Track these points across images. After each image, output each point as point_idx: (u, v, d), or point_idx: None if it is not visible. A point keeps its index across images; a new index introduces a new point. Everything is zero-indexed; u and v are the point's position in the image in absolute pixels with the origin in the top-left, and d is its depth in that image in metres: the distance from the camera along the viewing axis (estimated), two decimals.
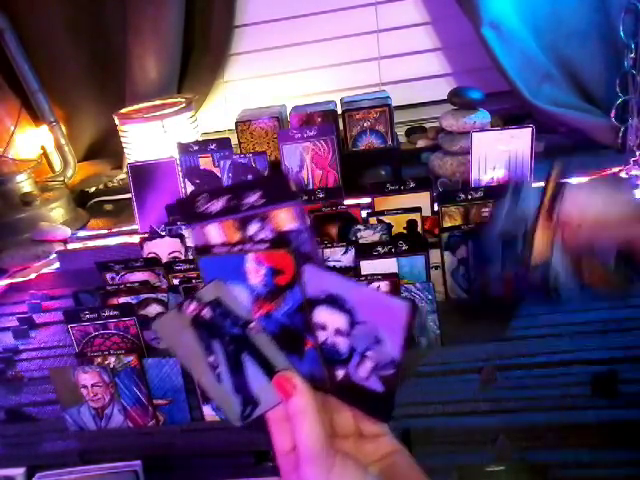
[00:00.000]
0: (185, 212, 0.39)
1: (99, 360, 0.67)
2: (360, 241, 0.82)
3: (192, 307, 0.39)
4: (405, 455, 0.38)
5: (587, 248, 0.53)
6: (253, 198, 0.38)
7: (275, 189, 0.38)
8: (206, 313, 0.39)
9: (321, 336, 0.38)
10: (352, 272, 0.75)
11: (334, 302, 0.38)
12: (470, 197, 0.83)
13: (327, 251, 0.79)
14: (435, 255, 0.79)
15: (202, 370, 0.39)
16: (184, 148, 1.07)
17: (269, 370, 0.39)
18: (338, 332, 0.38)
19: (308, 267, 0.37)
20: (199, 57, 1.37)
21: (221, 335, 0.39)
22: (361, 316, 0.38)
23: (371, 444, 0.38)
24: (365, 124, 1.12)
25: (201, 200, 0.39)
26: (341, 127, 1.14)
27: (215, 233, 0.39)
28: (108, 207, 1.36)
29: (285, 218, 0.38)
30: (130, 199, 1.11)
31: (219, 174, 1.04)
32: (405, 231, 0.83)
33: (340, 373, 0.39)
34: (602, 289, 0.53)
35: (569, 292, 0.54)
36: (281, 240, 0.37)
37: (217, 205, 0.38)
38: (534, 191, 0.56)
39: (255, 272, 0.38)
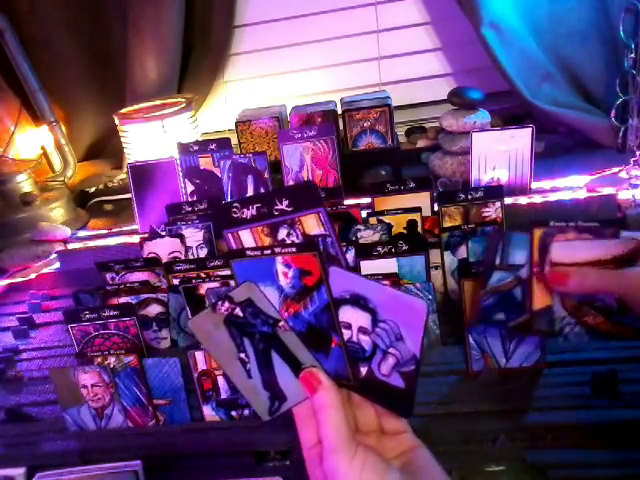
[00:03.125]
0: (221, 219, 0.43)
1: (99, 360, 0.67)
2: (360, 241, 0.82)
3: (225, 307, 0.41)
4: (425, 451, 0.39)
5: (585, 294, 0.53)
6: (282, 205, 0.42)
7: (302, 197, 0.41)
8: (238, 312, 0.41)
9: (346, 334, 0.41)
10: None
11: (358, 302, 0.40)
12: (470, 197, 0.83)
13: None
14: (435, 255, 0.79)
15: (234, 366, 0.42)
16: (184, 148, 1.07)
17: (296, 367, 0.42)
18: (362, 330, 0.41)
19: (333, 268, 0.40)
20: (199, 57, 1.37)
21: (252, 333, 0.42)
22: (383, 315, 0.40)
23: (392, 440, 0.40)
24: (365, 124, 1.12)
25: (235, 208, 0.42)
26: (341, 127, 1.14)
27: (247, 238, 0.43)
28: (108, 207, 1.36)
29: (312, 223, 0.42)
30: (130, 199, 1.11)
31: (219, 174, 1.04)
32: (405, 231, 0.83)
33: (363, 370, 0.41)
34: (607, 333, 0.53)
35: (576, 336, 0.54)
36: (308, 243, 0.41)
37: (249, 212, 0.42)
38: (521, 238, 0.57)
39: (284, 274, 0.41)
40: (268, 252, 0.41)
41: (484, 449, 0.58)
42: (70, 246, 1.15)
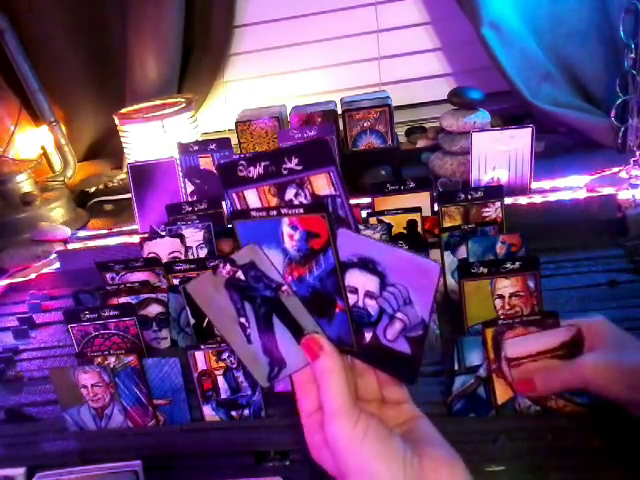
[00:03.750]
0: (226, 177, 0.41)
1: (99, 360, 0.67)
2: None
3: (227, 269, 0.40)
4: (426, 421, 0.39)
5: (554, 393, 0.58)
6: (291, 164, 0.39)
7: (313, 155, 0.38)
8: (240, 275, 0.40)
9: (352, 299, 0.39)
10: None
11: (366, 265, 0.39)
12: (470, 197, 0.83)
13: None
14: (435, 255, 0.79)
15: (233, 331, 0.41)
16: (184, 148, 1.07)
17: (298, 333, 0.40)
18: (369, 295, 0.39)
19: (342, 231, 0.38)
20: (199, 57, 1.37)
21: (253, 297, 0.40)
22: (393, 278, 0.38)
23: (393, 410, 0.39)
24: (365, 124, 1.12)
25: (241, 166, 0.40)
26: (341, 127, 1.14)
27: (253, 198, 0.40)
28: (108, 207, 1.36)
29: (322, 183, 0.39)
30: (130, 199, 1.11)
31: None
32: (405, 231, 0.83)
33: (368, 336, 0.40)
34: (575, 417, 0.58)
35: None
36: (317, 204, 0.38)
37: (256, 171, 0.40)
38: (472, 340, 0.60)
39: (290, 236, 0.39)
40: (274, 213, 0.39)
41: (484, 449, 0.58)
42: (70, 246, 1.15)
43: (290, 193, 0.40)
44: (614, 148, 1.12)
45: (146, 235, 0.94)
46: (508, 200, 0.89)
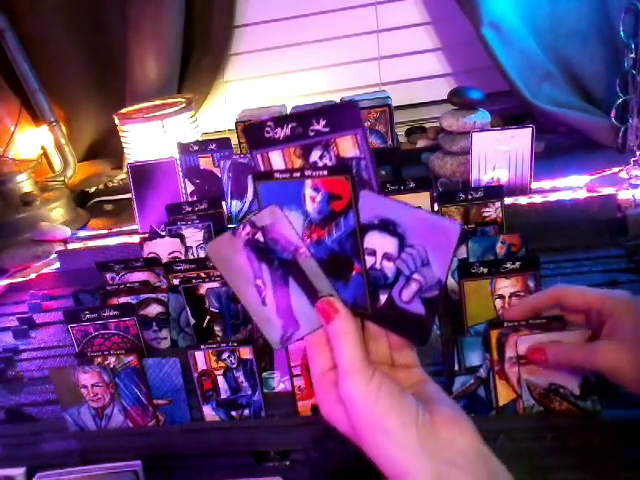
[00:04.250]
0: (251, 138, 0.41)
1: (99, 360, 0.67)
2: None
3: (247, 231, 0.40)
4: (434, 384, 0.40)
5: (550, 382, 0.58)
6: (319, 126, 0.39)
7: (340, 117, 0.39)
8: (259, 237, 0.40)
9: (369, 261, 0.40)
10: None
11: (387, 227, 0.39)
12: (470, 197, 0.83)
13: None
14: None
15: (248, 293, 0.41)
16: (184, 148, 1.07)
17: (313, 295, 0.40)
18: (387, 256, 0.39)
19: (364, 193, 0.39)
20: (199, 57, 1.37)
21: (271, 259, 0.40)
22: (412, 239, 0.39)
23: (403, 373, 0.40)
24: (365, 124, 1.12)
25: (268, 127, 0.40)
26: None
27: (278, 159, 0.41)
28: (108, 207, 1.36)
29: (347, 145, 0.39)
30: (130, 199, 1.11)
31: (219, 174, 1.04)
32: None
33: (383, 298, 0.40)
34: (575, 417, 0.58)
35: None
36: (341, 166, 0.39)
37: (283, 132, 0.40)
38: (473, 340, 0.61)
39: (312, 198, 0.39)
40: (297, 175, 0.39)
41: None
42: (70, 246, 1.15)
43: (315, 155, 0.40)
44: (614, 148, 1.12)
45: (146, 235, 0.94)
46: (508, 200, 0.89)
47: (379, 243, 0.39)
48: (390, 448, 0.35)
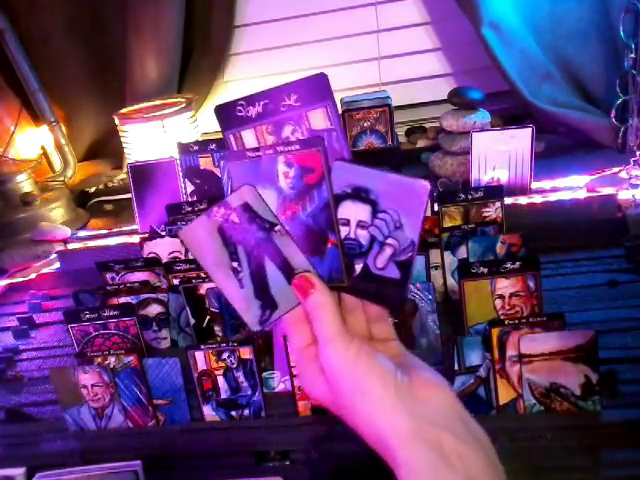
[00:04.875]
0: (224, 118, 0.41)
1: (99, 360, 0.67)
2: None
3: (221, 213, 0.40)
4: (412, 356, 0.40)
5: (551, 381, 0.58)
6: (290, 101, 0.39)
7: (310, 90, 0.39)
8: (234, 218, 0.40)
9: (343, 232, 0.40)
10: None
11: (359, 194, 0.39)
12: (470, 197, 0.83)
13: None
14: (435, 255, 0.79)
15: (225, 276, 0.41)
16: (184, 148, 1.07)
17: (289, 273, 0.40)
18: (360, 224, 0.40)
19: (337, 163, 0.39)
20: (199, 57, 1.37)
21: (246, 240, 0.40)
22: (384, 204, 0.39)
23: (381, 346, 0.40)
24: (365, 124, 1.12)
25: (240, 106, 0.40)
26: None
27: (250, 138, 0.40)
28: (108, 207, 1.36)
29: (318, 118, 0.39)
30: (130, 199, 1.11)
31: (219, 174, 1.04)
32: None
33: (358, 267, 0.40)
34: (575, 417, 0.59)
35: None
36: (313, 139, 0.39)
37: (255, 110, 0.40)
38: (472, 340, 0.61)
39: (285, 174, 0.39)
40: (270, 151, 0.39)
41: None
42: (70, 246, 1.15)
43: (287, 130, 0.40)
44: (614, 148, 1.12)
45: (146, 235, 0.94)
46: (508, 200, 0.89)
47: (352, 212, 0.40)
48: (370, 409, 0.36)
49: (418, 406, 0.35)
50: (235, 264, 0.40)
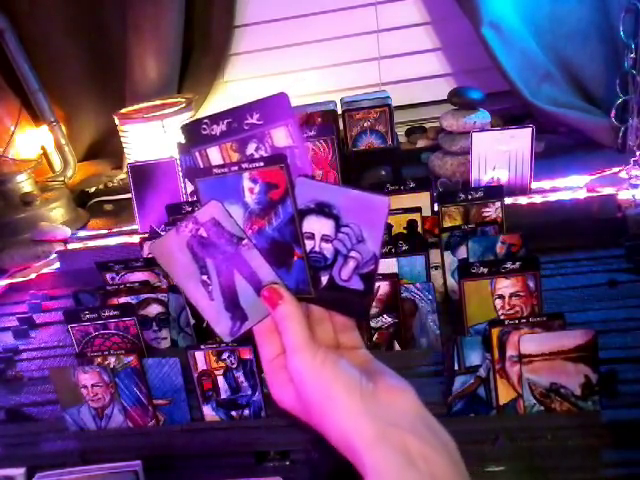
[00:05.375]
0: (189, 136, 0.42)
1: (99, 360, 0.67)
2: None
3: (189, 228, 0.41)
4: (378, 363, 0.42)
5: (551, 382, 0.59)
6: (253, 119, 0.41)
7: (273, 109, 0.40)
8: (202, 232, 0.41)
9: (308, 245, 0.42)
10: None
11: (323, 209, 0.41)
12: (470, 197, 0.83)
13: None
14: (435, 255, 0.79)
15: (195, 289, 0.42)
16: (184, 148, 1.07)
17: (258, 285, 0.42)
18: (324, 238, 0.42)
19: (300, 179, 0.41)
20: (199, 57, 1.37)
21: (215, 253, 0.42)
22: (346, 219, 0.41)
23: (349, 354, 0.41)
24: (365, 124, 1.12)
25: (205, 124, 0.41)
26: (341, 127, 1.14)
27: (215, 155, 0.42)
28: (108, 207, 1.36)
29: (281, 136, 0.41)
30: (130, 199, 1.11)
31: None
32: (405, 231, 0.83)
33: (324, 279, 0.42)
34: (575, 417, 0.59)
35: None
36: (275, 156, 0.40)
37: (219, 128, 0.41)
38: (473, 340, 0.61)
39: (250, 189, 0.41)
40: (235, 168, 0.40)
41: (484, 449, 0.58)
42: (70, 246, 1.15)
43: (251, 148, 0.41)
44: (614, 148, 1.12)
45: (146, 235, 0.94)
46: (508, 200, 0.89)
47: (317, 226, 0.41)
48: (337, 415, 0.37)
49: (383, 410, 0.36)
50: (205, 277, 0.42)
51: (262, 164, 0.40)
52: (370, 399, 0.37)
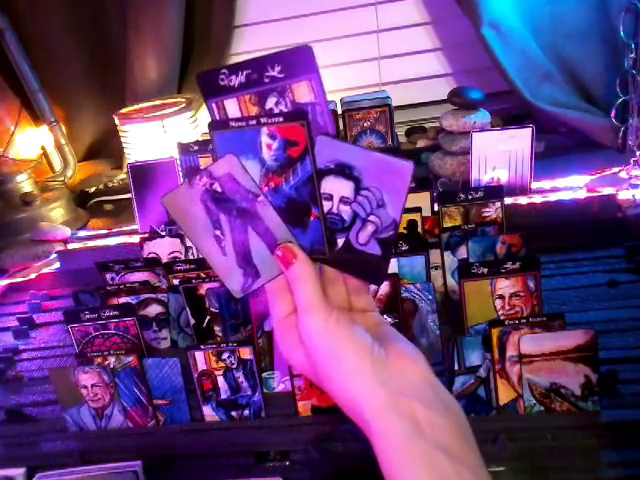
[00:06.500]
0: (206, 86, 0.40)
1: (99, 360, 0.67)
2: None
3: (204, 181, 0.40)
4: (390, 327, 0.42)
5: (551, 382, 0.59)
6: (274, 72, 0.39)
7: (294, 62, 0.38)
8: (217, 187, 0.40)
9: (326, 206, 0.40)
10: None
11: (343, 170, 0.39)
12: (470, 197, 0.83)
13: None
14: (435, 255, 0.79)
15: (208, 244, 0.41)
16: (184, 148, 1.07)
17: (272, 243, 0.41)
18: (343, 200, 0.40)
19: (321, 137, 0.39)
20: (199, 57, 1.37)
21: (229, 209, 0.40)
22: (367, 182, 0.39)
23: (360, 317, 0.41)
24: (365, 124, 1.12)
25: (223, 75, 0.39)
26: (341, 127, 1.14)
27: (233, 108, 0.40)
28: (108, 207, 1.36)
29: (303, 92, 0.39)
30: (130, 199, 1.11)
31: None
32: (405, 231, 0.83)
33: (340, 241, 0.41)
34: (575, 417, 0.59)
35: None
36: (296, 112, 0.38)
37: (238, 80, 0.39)
38: (472, 340, 0.61)
39: (268, 145, 0.39)
40: (253, 122, 0.39)
41: (484, 449, 0.58)
42: (70, 246, 1.15)
43: (271, 102, 0.39)
44: (614, 148, 1.12)
45: (146, 235, 0.94)
46: (508, 200, 0.89)
47: (335, 187, 0.40)
48: (346, 379, 0.37)
49: (392, 377, 0.37)
50: (218, 232, 0.41)
51: (282, 119, 0.38)
52: (381, 365, 0.37)
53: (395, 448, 0.35)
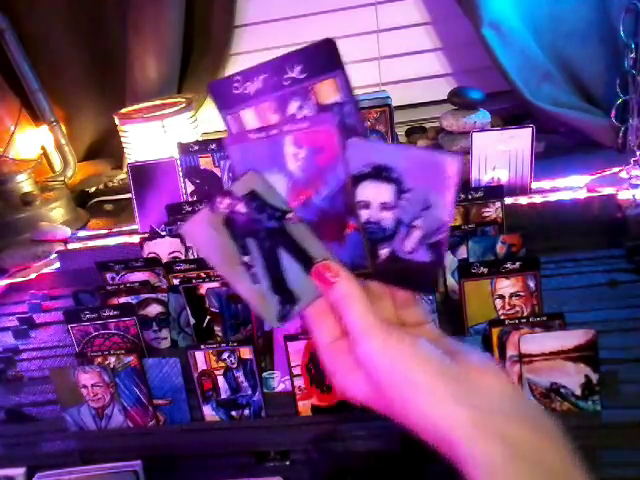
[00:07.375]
0: (219, 97, 0.36)
1: (99, 360, 0.67)
2: None
3: (225, 203, 0.36)
4: (450, 338, 0.37)
5: (551, 381, 0.59)
6: (294, 73, 0.35)
7: (316, 59, 0.34)
8: (240, 208, 0.36)
9: (364, 215, 0.36)
10: None
11: (380, 173, 0.35)
12: (470, 197, 0.83)
13: None
14: None
15: (236, 272, 0.37)
16: (184, 148, 1.07)
17: (307, 263, 0.37)
18: (383, 206, 0.36)
19: (352, 141, 0.35)
20: (199, 57, 1.37)
21: (257, 231, 0.37)
22: (409, 183, 0.35)
23: (415, 331, 0.37)
24: (365, 124, 1.12)
25: (237, 82, 0.35)
26: None
27: (251, 118, 0.36)
28: (108, 207, 1.36)
29: (328, 91, 0.35)
30: (130, 199, 1.11)
31: (219, 174, 1.04)
32: None
33: (384, 252, 0.37)
34: (575, 417, 0.59)
35: None
36: (322, 116, 0.35)
37: (254, 86, 0.35)
38: (476, 340, 0.62)
39: (294, 155, 0.35)
40: (275, 132, 0.35)
41: None
42: (70, 246, 1.15)
43: (293, 107, 0.35)
44: (614, 148, 1.12)
45: (146, 235, 0.94)
46: (508, 200, 0.89)
47: (373, 193, 0.36)
48: (422, 401, 0.33)
49: (473, 394, 0.33)
50: (246, 258, 0.37)
51: (307, 125, 0.34)
52: (457, 381, 0.33)
53: (491, 476, 0.30)
